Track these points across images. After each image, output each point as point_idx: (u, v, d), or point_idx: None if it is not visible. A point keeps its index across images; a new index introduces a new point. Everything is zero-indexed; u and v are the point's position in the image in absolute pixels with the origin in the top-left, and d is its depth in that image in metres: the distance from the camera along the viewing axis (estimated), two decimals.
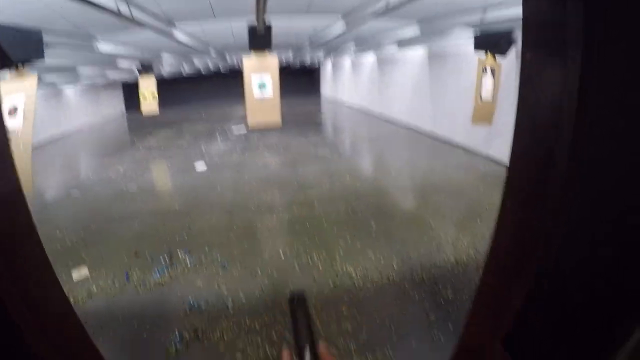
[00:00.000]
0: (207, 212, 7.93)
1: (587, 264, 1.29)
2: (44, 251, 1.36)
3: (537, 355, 1.73)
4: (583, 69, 1.05)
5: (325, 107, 27.85)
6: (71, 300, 4.92)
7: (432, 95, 14.06)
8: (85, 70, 13.34)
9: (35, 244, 1.32)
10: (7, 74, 4.56)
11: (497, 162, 9.83)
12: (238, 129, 18.45)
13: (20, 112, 4.55)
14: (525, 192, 1.44)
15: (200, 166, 11.81)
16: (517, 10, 5.37)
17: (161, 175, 11.70)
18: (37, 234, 1.32)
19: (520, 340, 1.81)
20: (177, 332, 4.46)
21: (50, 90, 19.84)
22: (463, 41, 10.14)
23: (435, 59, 13.62)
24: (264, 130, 15.80)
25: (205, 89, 33.02)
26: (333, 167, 10.85)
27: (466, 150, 11.68)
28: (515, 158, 1.45)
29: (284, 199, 8.43)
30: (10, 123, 4.48)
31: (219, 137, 17.03)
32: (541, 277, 1.48)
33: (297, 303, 0.71)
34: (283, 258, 5.91)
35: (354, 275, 5.34)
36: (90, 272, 5.79)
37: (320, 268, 5.58)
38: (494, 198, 7.69)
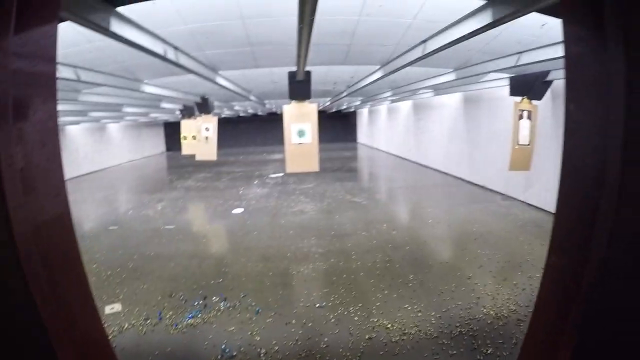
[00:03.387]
0: (242, 256, 7.95)
1: (631, 320, 1.22)
2: (88, 281, 1.40)
3: None
4: (626, 115, 1.04)
5: (361, 153, 28.03)
6: None
7: (468, 140, 13.95)
8: (130, 109, 13.94)
9: (80, 272, 1.36)
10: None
11: (536, 208, 9.54)
12: (275, 173, 18.72)
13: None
14: (570, 245, 1.39)
15: (237, 209, 11.98)
16: (551, 52, 5.36)
17: (198, 217, 11.91)
18: (81, 261, 1.36)
19: None
20: None
21: (94, 125, 20.90)
22: (498, 83, 10.10)
23: (470, 103, 13.60)
24: (300, 175, 15.98)
25: (244, 132, 33.93)
26: (369, 215, 10.78)
27: (504, 197, 11.41)
28: (561, 210, 1.41)
29: (320, 247, 8.37)
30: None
31: (256, 180, 17.31)
32: (586, 335, 1.40)
33: None
34: (318, 308, 5.81)
35: (390, 328, 5.18)
36: (122, 308, 5.85)
37: (356, 320, 5.44)
38: (534, 247, 7.49)
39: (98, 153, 21.88)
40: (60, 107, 10.38)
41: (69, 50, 4.74)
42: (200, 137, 10.99)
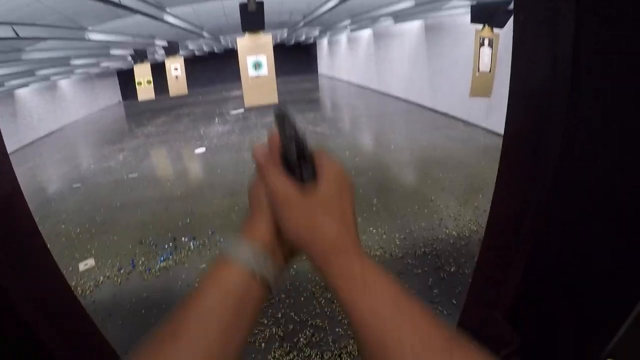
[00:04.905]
0: (208, 194, 7.94)
1: (584, 234, 1.28)
2: (47, 246, 1.37)
3: (539, 327, 1.75)
4: (576, 29, 1.03)
5: (323, 84, 27.62)
6: (79, 290, 5.01)
7: (430, 68, 13.91)
8: (79, 61, 13.23)
9: (37, 240, 1.33)
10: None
11: (498, 135, 9.77)
12: (235, 109, 18.37)
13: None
14: (520, 163, 1.43)
15: (200, 149, 11.82)
16: None
17: (161, 161, 11.70)
18: (37, 229, 1.33)
19: (521, 312, 1.82)
20: None
21: (44, 84, 19.75)
22: (459, 10, 9.96)
23: (431, 31, 13.42)
24: (261, 109, 15.72)
25: (201, 71, 32.70)
26: (332, 144, 10.81)
27: (466, 123, 11.62)
28: (511, 126, 1.43)
29: None
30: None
31: (217, 118, 16.96)
32: (539, 248, 1.48)
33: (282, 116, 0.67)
34: None
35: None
36: (96, 262, 5.85)
37: None
38: (495, 171, 7.68)
39: (52, 113, 20.65)
40: (3, 70, 9.76)
41: (4, 8, 4.34)
42: (171, 76, 11.95)
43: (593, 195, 1.19)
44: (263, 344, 4.01)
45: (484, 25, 7.58)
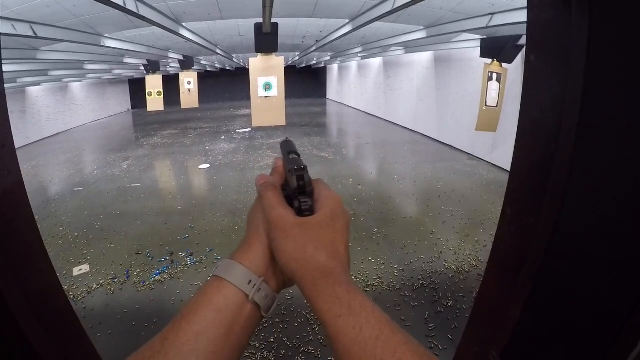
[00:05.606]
0: (209, 211, 7.93)
1: (586, 274, 1.26)
2: (44, 246, 1.37)
3: None
4: (586, 73, 1.04)
5: (331, 109, 27.86)
6: (70, 295, 4.96)
7: (438, 99, 14.02)
8: (92, 66, 13.43)
9: (35, 239, 1.32)
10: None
11: (502, 170, 9.78)
12: (242, 128, 18.50)
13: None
14: (524, 201, 1.42)
15: (204, 165, 11.86)
16: (524, 15, 5.36)
17: (164, 174, 11.72)
18: (37, 228, 1.33)
19: (517, 352, 1.79)
20: None
21: (56, 85, 20.01)
22: (470, 44, 10.10)
23: (441, 62, 13.58)
24: (268, 130, 15.84)
25: (212, 87, 33.05)
26: (336, 170, 10.84)
27: (471, 157, 11.65)
28: (517, 163, 1.43)
29: None
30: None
31: (224, 135, 17.06)
32: (539, 288, 1.46)
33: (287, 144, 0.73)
34: None
35: (354, 280, 5.31)
36: (90, 269, 5.81)
37: None
38: (497, 206, 7.73)
39: (61, 114, 20.94)
40: (18, 67, 9.94)
41: (24, 6, 4.43)
42: (184, 89, 12.54)
43: (598, 235, 1.18)
44: None
45: (492, 60, 7.67)
